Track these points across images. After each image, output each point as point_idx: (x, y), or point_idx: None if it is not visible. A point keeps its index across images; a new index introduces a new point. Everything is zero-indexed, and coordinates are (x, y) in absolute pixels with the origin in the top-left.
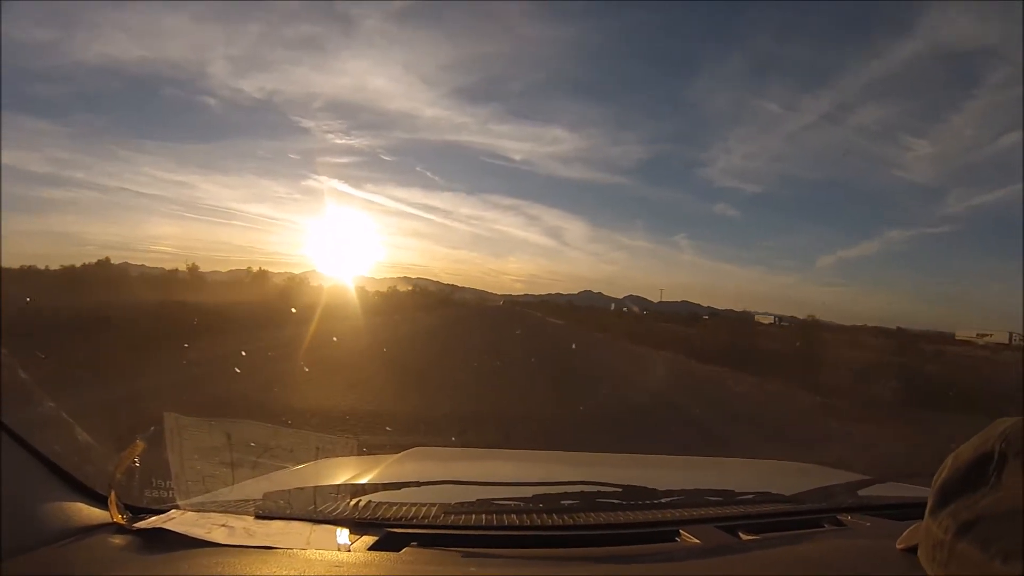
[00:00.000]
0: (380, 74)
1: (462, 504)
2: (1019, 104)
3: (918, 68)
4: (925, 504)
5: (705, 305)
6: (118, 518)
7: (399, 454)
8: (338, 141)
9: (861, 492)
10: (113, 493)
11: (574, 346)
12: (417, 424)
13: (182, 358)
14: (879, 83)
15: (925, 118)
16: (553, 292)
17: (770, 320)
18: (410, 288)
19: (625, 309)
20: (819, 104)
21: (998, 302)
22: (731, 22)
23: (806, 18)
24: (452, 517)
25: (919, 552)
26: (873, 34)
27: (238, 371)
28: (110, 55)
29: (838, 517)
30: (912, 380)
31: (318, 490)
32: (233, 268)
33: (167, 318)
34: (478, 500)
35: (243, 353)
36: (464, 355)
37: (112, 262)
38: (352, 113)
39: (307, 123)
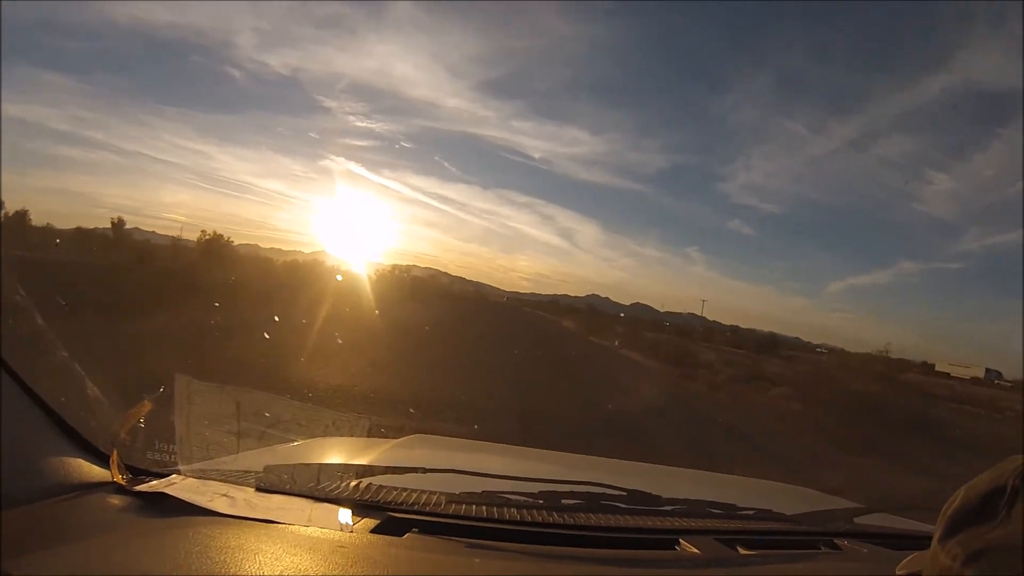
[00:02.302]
0: (406, 60)
1: (466, 494)
2: None
3: (947, 103)
4: (920, 536)
5: (711, 319)
6: (118, 478)
7: (400, 439)
8: (358, 124)
9: (857, 519)
10: (115, 452)
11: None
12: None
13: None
14: (906, 115)
15: (949, 153)
16: (560, 293)
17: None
18: (410, 276)
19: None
20: (845, 129)
21: (1004, 341)
22: (763, 38)
23: (839, 42)
24: (455, 506)
25: None
26: (906, 65)
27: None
28: (139, 17)
29: (835, 541)
30: None
31: (322, 468)
32: (244, 242)
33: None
34: (483, 492)
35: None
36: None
37: (127, 226)
38: (375, 97)
39: (329, 103)
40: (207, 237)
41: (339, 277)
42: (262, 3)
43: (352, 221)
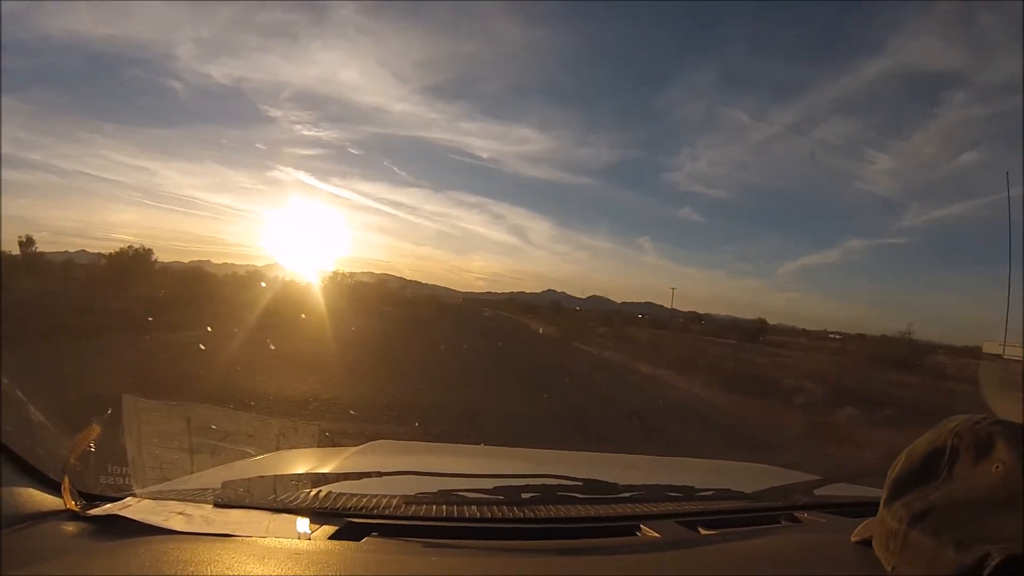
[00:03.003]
0: (351, 66)
1: (423, 495)
2: (978, 125)
3: (884, 86)
4: (876, 503)
5: (668, 307)
6: (71, 504)
7: (360, 446)
8: (306, 132)
9: (816, 491)
10: (67, 478)
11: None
12: None
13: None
14: (846, 98)
15: (888, 134)
16: (516, 291)
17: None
18: (354, 282)
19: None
20: (786, 116)
21: (951, 312)
22: (704, 32)
23: (778, 32)
24: (413, 508)
25: (874, 542)
26: (843, 51)
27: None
28: (75, 30)
29: (794, 514)
30: None
31: (278, 479)
32: (194, 259)
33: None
34: (439, 491)
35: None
36: None
37: (70, 250)
38: (321, 105)
39: (274, 112)
40: (126, 251)
41: (263, 284)
42: (203, 12)
43: (303, 231)
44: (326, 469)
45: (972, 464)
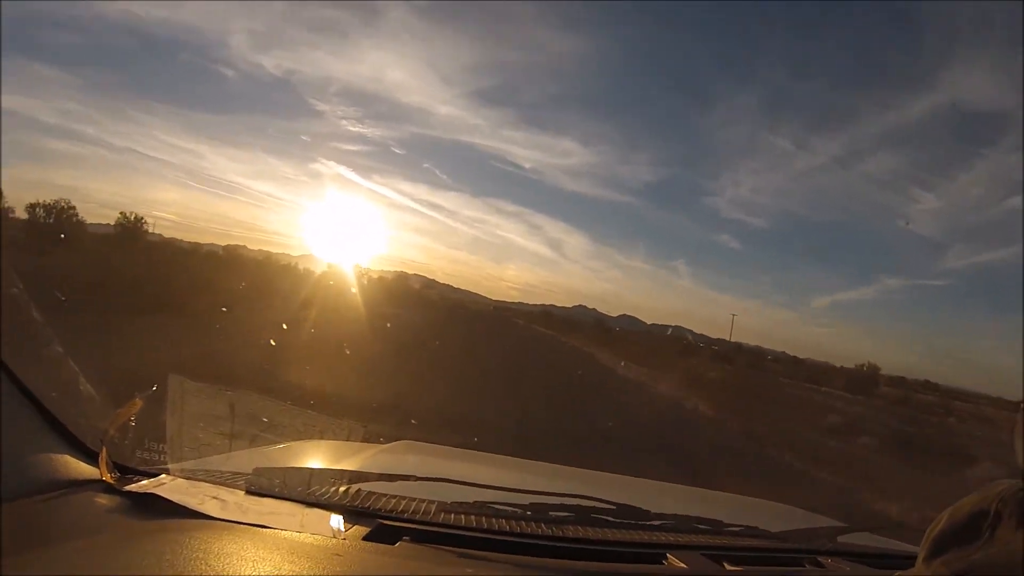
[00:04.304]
0: (399, 67)
1: (457, 504)
2: None
3: (933, 123)
4: (902, 556)
5: (698, 332)
6: (107, 476)
7: (387, 444)
8: (350, 128)
9: (840, 538)
10: (104, 450)
11: None
12: None
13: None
14: (893, 132)
15: (934, 172)
16: (548, 303)
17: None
18: (378, 279)
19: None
20: (831, 146)
21: (986, 359)
22: (752, 54)
23: (826, 59)
24: (446, 515)
25: None
26: (893, 84)
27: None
28: (132, 11)
29: (818, 559)
30: None
31: (313, 472)
32: (232, 243)
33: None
34: (475, 502)
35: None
36: None
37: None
38: (367, 102)
39: (321, 107)
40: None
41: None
42: (256, 4)
43: (341, 225)
44: (352, 464)
45: (1015, 529)
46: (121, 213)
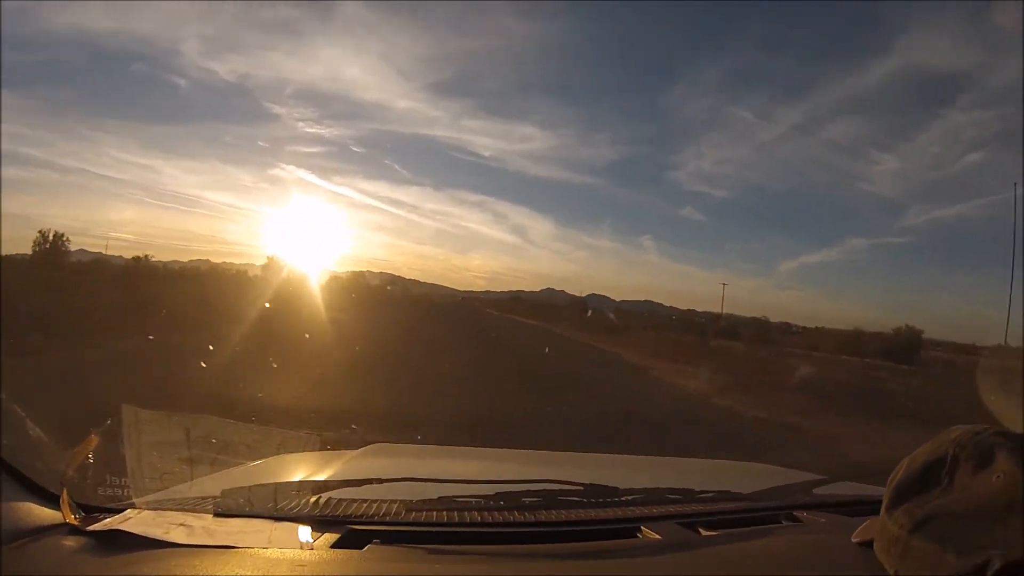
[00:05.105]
0: (355, 63)
1: (424, 501)
2: (982, 126)
3: (891, 86)
4: (877, 502)
5: (668, 305)
6: (71, 518)
7: (358, 450)
8: (308, 130)
9: (816, 490)
10: (65, 492)
11: None
12: None
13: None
14: (852, 98)
15: (893, 134)
16: (516, 289)
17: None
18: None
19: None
20: (792, 115)
21: (948, 311)
22: (710, 30)
23: (787, 31)
24: (414, 514)
25: (875, 546)
26: (851, 51)
27: None
28: (79, 25)
29: (794, 514)
30: None
31: (278, 487)
32: (194, 258)
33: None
34: (440, 497)
35: None
36: None
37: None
38: (324, 102)
39: (278, 110)
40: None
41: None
42: (208, 7)
43: (303, 230)
44: (325, 474)
45: (972, 473)
46: (39, 232)
